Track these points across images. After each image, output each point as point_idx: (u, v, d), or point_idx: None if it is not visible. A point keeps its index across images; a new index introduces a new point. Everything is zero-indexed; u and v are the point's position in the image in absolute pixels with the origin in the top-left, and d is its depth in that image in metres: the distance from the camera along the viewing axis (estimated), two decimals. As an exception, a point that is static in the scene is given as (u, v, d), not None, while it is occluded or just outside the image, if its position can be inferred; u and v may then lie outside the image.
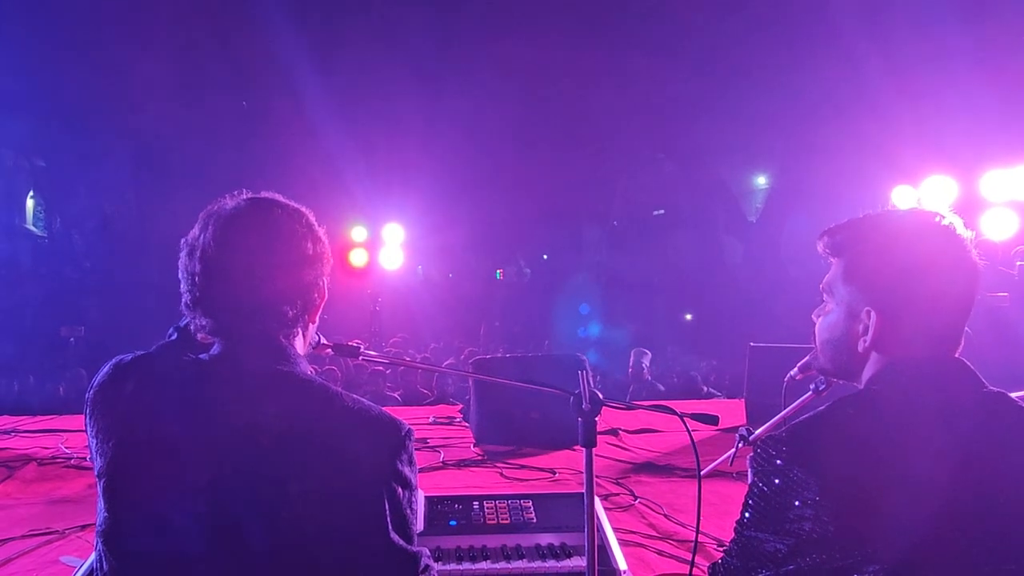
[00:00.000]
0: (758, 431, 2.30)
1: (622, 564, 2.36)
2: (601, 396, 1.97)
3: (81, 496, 4.24)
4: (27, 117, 17.83)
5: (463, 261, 24.80)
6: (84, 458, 4.98)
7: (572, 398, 1.97)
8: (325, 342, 2.00)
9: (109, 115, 17.42)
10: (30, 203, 22.76)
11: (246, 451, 1.43)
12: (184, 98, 16.83)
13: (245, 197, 1.65)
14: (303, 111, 15.00)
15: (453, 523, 2.47)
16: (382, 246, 12.02)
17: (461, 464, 4.83)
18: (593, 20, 15.00)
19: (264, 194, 1.67)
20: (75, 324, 10.76)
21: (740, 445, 2.31)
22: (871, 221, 1.64)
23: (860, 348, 1.55)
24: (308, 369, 1.61)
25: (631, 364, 8.88)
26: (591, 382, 2.02)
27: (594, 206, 25.74)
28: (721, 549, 3.32)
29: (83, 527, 3.64)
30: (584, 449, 1.97)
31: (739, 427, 2.32)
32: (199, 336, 1.63)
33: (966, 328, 1.55)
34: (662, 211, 25.34)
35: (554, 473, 4.64)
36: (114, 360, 1.58)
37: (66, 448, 5.25)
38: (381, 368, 8.25)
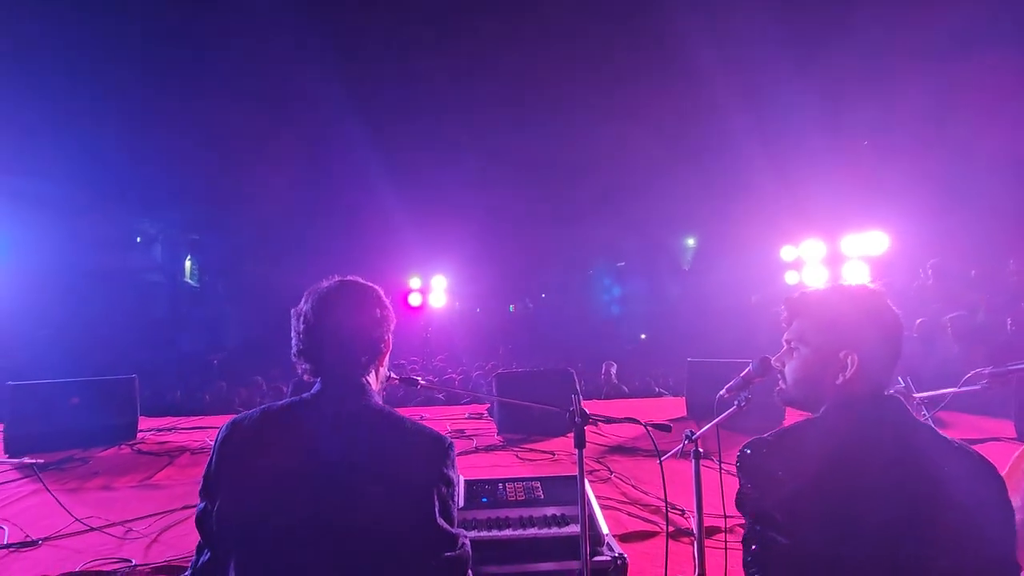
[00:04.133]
0: (699, 432, 2.23)
1: (605, 529, 2.28)
2: (588, 412, 1.93)
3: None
4: (186, 204, 18.21)
5: (487, 300, 24.74)
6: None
7: (568, 414, 1.92)
8: (394, 376, 1.97)
9: (239, 199, 17.64)
10: (188, 263, 23.11)
11: (341, 466, 1.41)
12: (287, 182, 16.96)
13: (335, 279, 1.65)
14: (375, 189, 15.07)
15: (484, 500, 2.40)
16: (431, 291, 12.02)
17: (489, 449, 4.76)
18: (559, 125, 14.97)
19: (348, 277, 1.67)
20: (218, 350, 10.74)
21: (686, 441, 2.25)
22: (827, 292, 1.54)
23: (839, 382, 1.42)
24: (379, 400, 1.60)
25: (603, 372, 8.77)
26: (580, 400, 1.98)
27: (575, 258, 25.72)
28: (675, 511, 3.25)
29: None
30: (577, 449, 1.93)
31: (686, 430, 2.26)
32: (305, 377, 1.62)
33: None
34: (623, 263, 25.34)
35: (554, 455, 4.55)
36: (231, 419, 1.55)
37: (210, 441, 5.19)
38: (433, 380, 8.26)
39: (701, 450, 2.28)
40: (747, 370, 1.92)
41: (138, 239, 20.00)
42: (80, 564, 2.68)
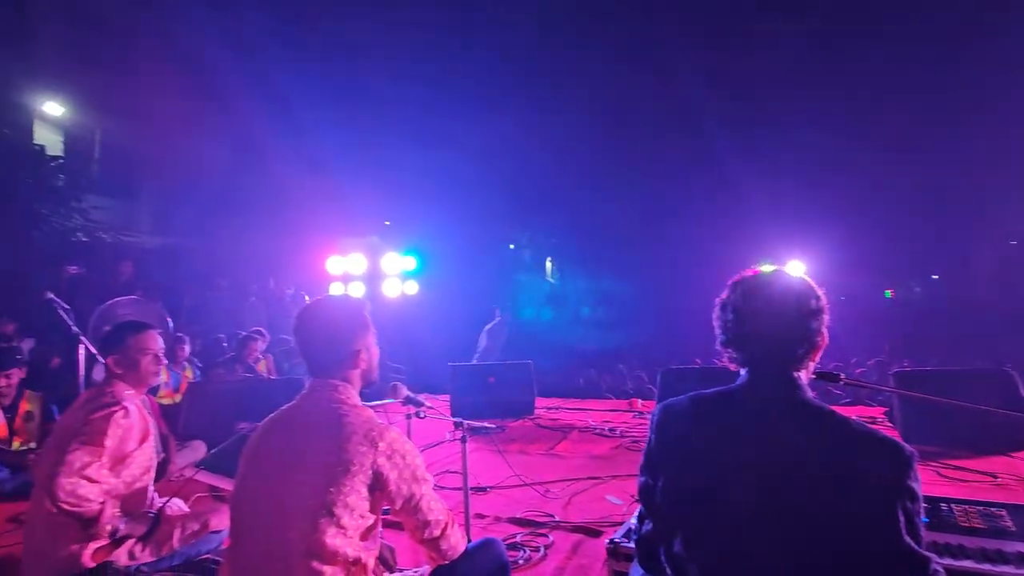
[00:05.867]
0: None
1: None
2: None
3: (609, 455, 4.60)
4: (549, 213, 20.99)
5: (853, 285, 21.28)
6: (604, 430, 5.46)
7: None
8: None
9: (589, 202, 19.34)
10: (549, 264, 26.70)
11: (780, 461, 1.37)
12: (631, 182, 17.74)
13: (760, 269, 1.61)
14: (727, 176, 14.57)
15: (926, 520, 2.05)
16: (786, 278, 10.98)
17: (893, 460, 4.06)
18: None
19: (775, 267, 1.62)
20: (581, 341, 11.97)
21: None
22: None
23: None
24: (812, 396, 1.49)
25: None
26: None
27: (985, 226, 19.87)
28: None
29: (614, 476, 3.96)
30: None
31: None
32: (731, 366, 1.63)
33: None
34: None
35: (995, 477, 3.63)
36: (662, 404, 1.61)
37: (591, 422, 5.80)
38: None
39: None
40: None
41: (511, 246, 23.95)
42: (519, 512, 3.32)
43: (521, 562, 2.73)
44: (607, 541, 2.29)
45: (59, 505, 1.89)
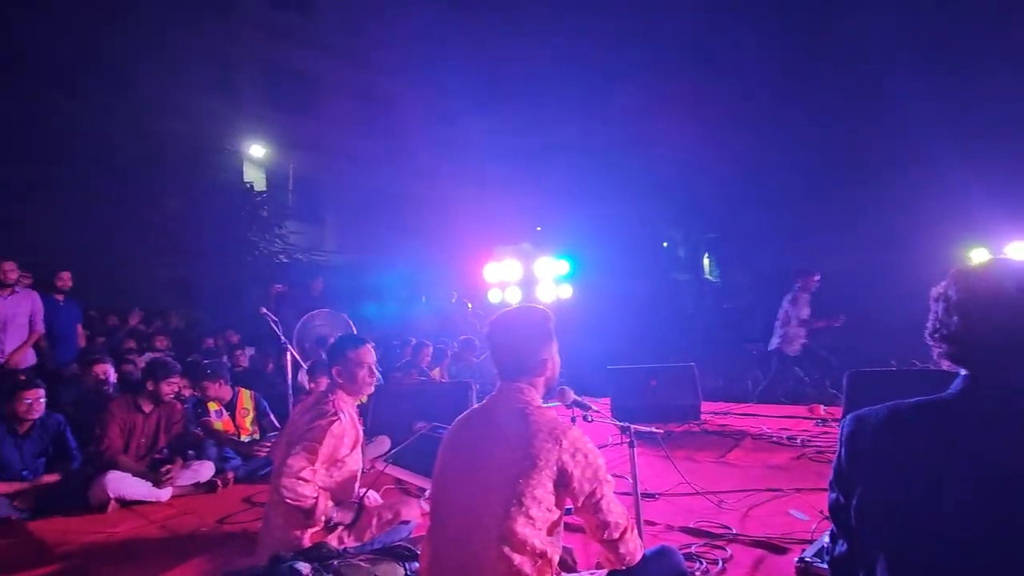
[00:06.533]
0: None
1: None
2: None
3: (788, 465, 4.25)
4: (704, 208, 20.05)
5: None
6: (782, 438, 5.05)
7: None
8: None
9: (747, 198, 18.11)
10: (706, 261, 25.37)
11: (1001, 484, 1.17)
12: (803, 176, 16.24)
13: (989, 262, 1.40)
14: (914, 147, 12.67)
15: None
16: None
17: None
18: None
19: (991, 253, 1.40)
20: (751, 341, 11.12)
21: None
22: None
23: None
24: None
25: None
26: None
27: None
28: None
29: (797, 490, 3.63)
30: None
31: None
32: (943, 365, 1.43)
33: None
34: None
35: None
36: (853, 415, 1.47)
37: (766, 428, 5.39)
38: None
39: None
40: None
41: (664, 244, 23.16)
42: (692, 521, 3.19)
43: (698, 574, 2.62)
44: (796, 559, 2.13)
45: (283, 499, 2.23)
